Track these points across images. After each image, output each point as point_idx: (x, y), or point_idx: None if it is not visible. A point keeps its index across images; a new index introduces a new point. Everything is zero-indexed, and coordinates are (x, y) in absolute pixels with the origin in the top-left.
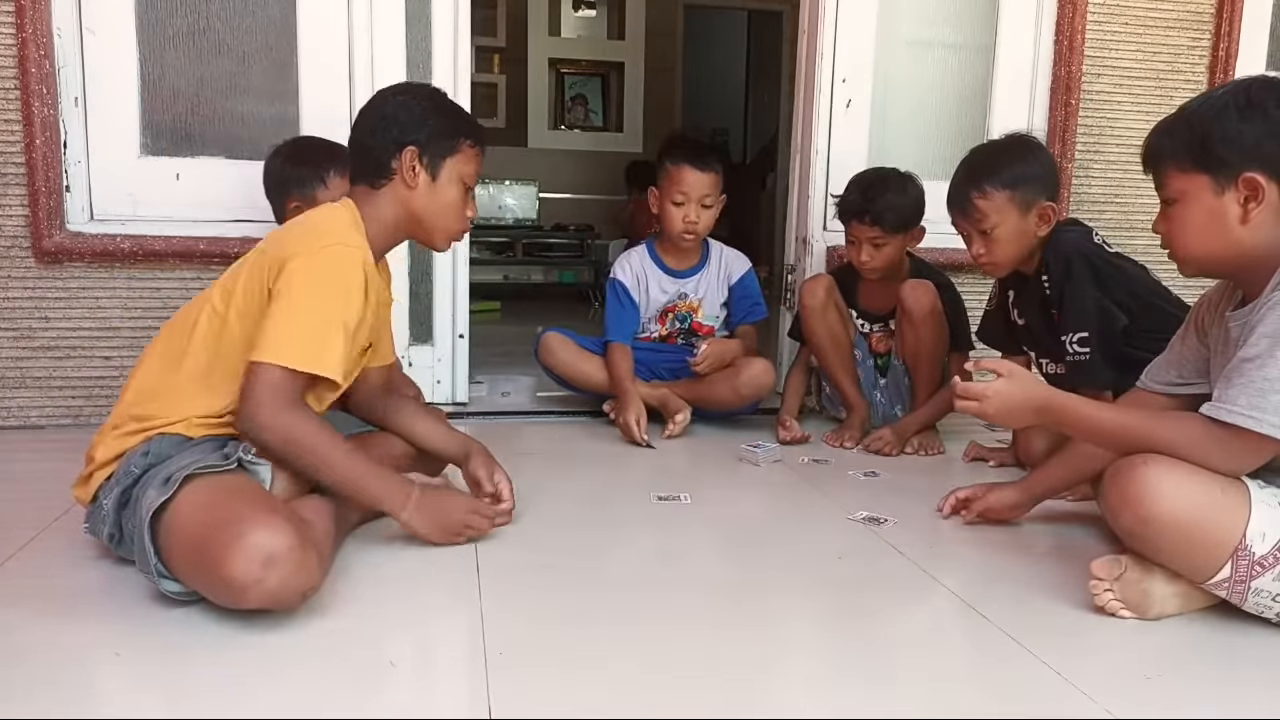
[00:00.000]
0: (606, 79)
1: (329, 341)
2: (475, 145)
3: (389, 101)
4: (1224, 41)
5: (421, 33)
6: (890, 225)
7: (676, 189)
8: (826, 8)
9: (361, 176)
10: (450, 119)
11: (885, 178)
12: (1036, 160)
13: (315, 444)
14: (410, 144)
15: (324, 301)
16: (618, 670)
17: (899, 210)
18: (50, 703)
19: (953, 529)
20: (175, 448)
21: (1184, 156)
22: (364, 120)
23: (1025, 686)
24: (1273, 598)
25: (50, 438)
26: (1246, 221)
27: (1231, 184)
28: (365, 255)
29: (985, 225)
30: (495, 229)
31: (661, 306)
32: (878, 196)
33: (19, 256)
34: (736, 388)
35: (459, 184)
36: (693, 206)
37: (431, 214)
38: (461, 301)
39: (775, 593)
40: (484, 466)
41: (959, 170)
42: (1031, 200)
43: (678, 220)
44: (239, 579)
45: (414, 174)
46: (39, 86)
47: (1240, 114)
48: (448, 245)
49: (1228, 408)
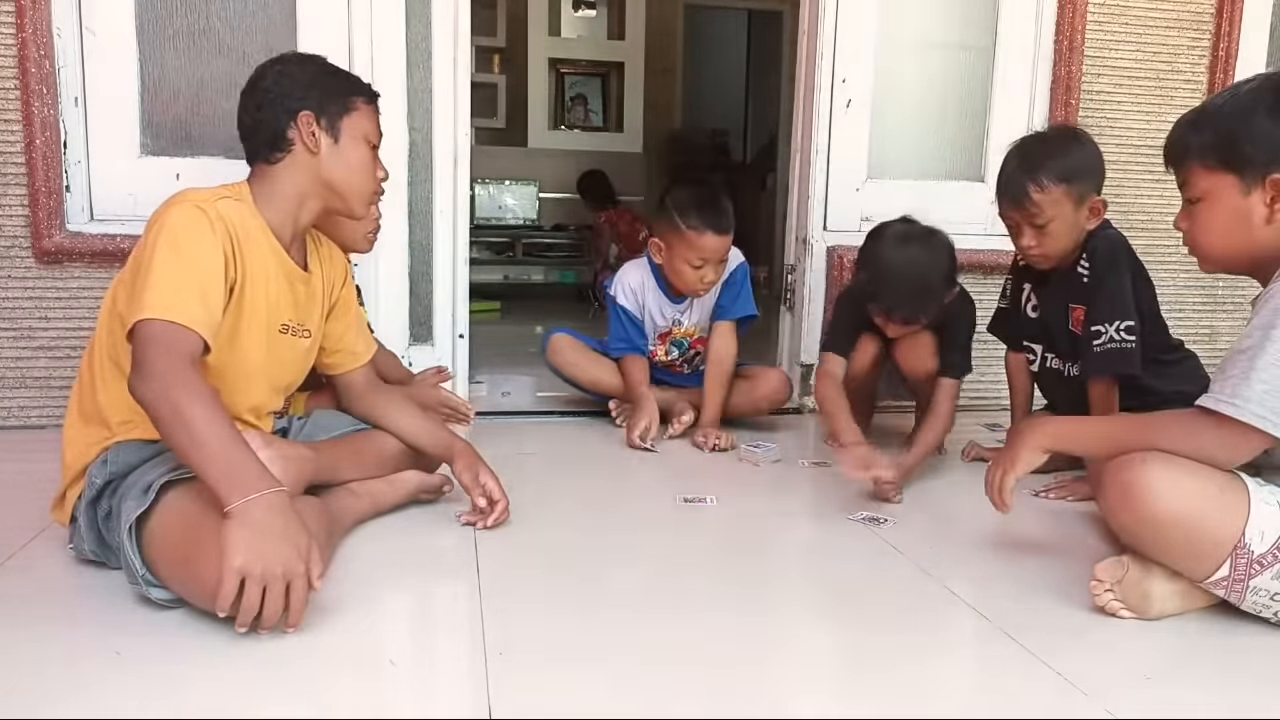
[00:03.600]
0: (606, 79)
1: (180, 293)
2: (370, 102)
3: (266, 75)
4: (1224, 41)
5: (421, 33)
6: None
7: (695, 254)
8: (826, 8)
9: (257, 155)
10: (337, 79)
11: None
12: (1087, 154)
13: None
14: (302, 109)
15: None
16: (618, 669)
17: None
18: (50, 702)
19: (952, 529)
20: (137, 453)
21: (1210, 155)
22: (246, 99)
23: (1025, 686)
24: (1271, 596)
25: (50, 438)
26: (1272, 221)
27: (1259, 184)
28: (222, 215)
29: (1041, 219)
30: (495, 229)
31: (660, 330)
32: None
33: (19, 256)
34: (754, 400)
35: (363, 142)
36: (711, 268)
37: (342, 176)
38: (461, 301)
39: (775, 593)
40: (468, 469)
41: (1010, 160)
42: (1085, 194)
43: (694, 281)
44: None
45: (314, 139)
46: (39, 86)
47: (1269, 113)
48: (365, 211)
49: (1215, 396)
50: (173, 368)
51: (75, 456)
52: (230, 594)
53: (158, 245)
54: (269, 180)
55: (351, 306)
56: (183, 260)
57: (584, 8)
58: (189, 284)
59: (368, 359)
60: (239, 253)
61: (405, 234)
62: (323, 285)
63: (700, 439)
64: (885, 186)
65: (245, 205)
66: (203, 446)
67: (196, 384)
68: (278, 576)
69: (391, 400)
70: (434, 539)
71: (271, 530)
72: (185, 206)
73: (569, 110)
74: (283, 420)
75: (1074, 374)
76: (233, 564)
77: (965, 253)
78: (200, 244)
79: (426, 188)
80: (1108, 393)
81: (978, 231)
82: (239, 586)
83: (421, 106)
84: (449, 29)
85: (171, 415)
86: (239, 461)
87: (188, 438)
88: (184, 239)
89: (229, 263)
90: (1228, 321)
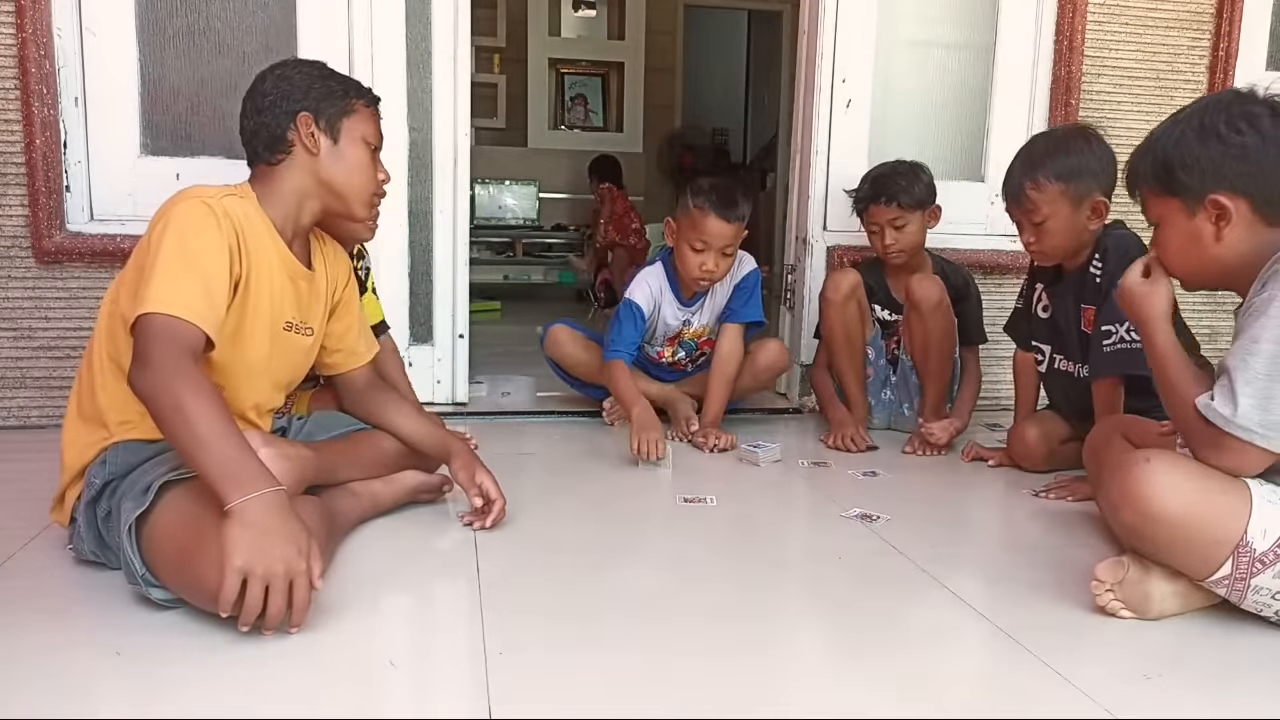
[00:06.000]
0: (606, 79)
1: (184, 288)
2: (369, 105)
3: (266, 80)
4: (1224, 41)
5: (421, 33)
6: (906, 202)
7: (697, 235)
8: (826, 8)
9: (258, 157)
10: (335, 82)
11: (894, 166)
12: (1093, 154)
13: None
14: (301, 111)
15: (173, 250)
16: (618, 669)
17: (911, 189)
18: (50, 702)
19: (952, 529)
20: (136, 454)
21: (1153, 182)
22: (247, 104)
23: (1025, 686)
24: (1272, 595)
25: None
26: (1220, 239)
27: (1200, 206)
28: (228, 210)
29: (1037, 216)
30: (495, 229)
31: (670, 332)
32: (890, 181)
33: (19, 256)
34: (756, 373)
35: (362, 144)
36: (711, 255)
37: (341, 177)
38: (461, 301)
39: (776, 593)
40: (464, 470)
41: (1016, 158)
42: (1085, 194)
43: (694, 266)
44: None
45: (314, 140)
46: (39, 86)
47: (1198, 138)
48: (366, 213)
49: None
50: (174, 361)
51: (74, 457)
52: (232, 593)
53: (163, 241)
54: (270, 181)
55: (353, 307)
56: (188, 256)
57: (584, 8)
58: (193, 279)
59: (369, 359)
60: (244, 249)
61: (405, 234)
62: (326, 284)
63: (700, 439)
64: None
65: (250, 202)
66: (202, 442)
67: (198, 378)
68: (280, 575)
69: (391, 400)
70: (434, 539)
71: (272, 529)
72: (192, 202)
73: (569, 110)
74: (282, 419)
75: (1084, 375)
76: (234, 563)
77: (965, 253)
78: (206, 240)
79: (426, 188)
80: (1112, 393)
81: (978, 231)
82: (241, 586)
83: (421, 107)
84: (449, 29)
85: (172, 409)
86: (238, 459)
87: (187, 432)
88: (190, 234)
89: (234, 259)
90: (1227, 321)
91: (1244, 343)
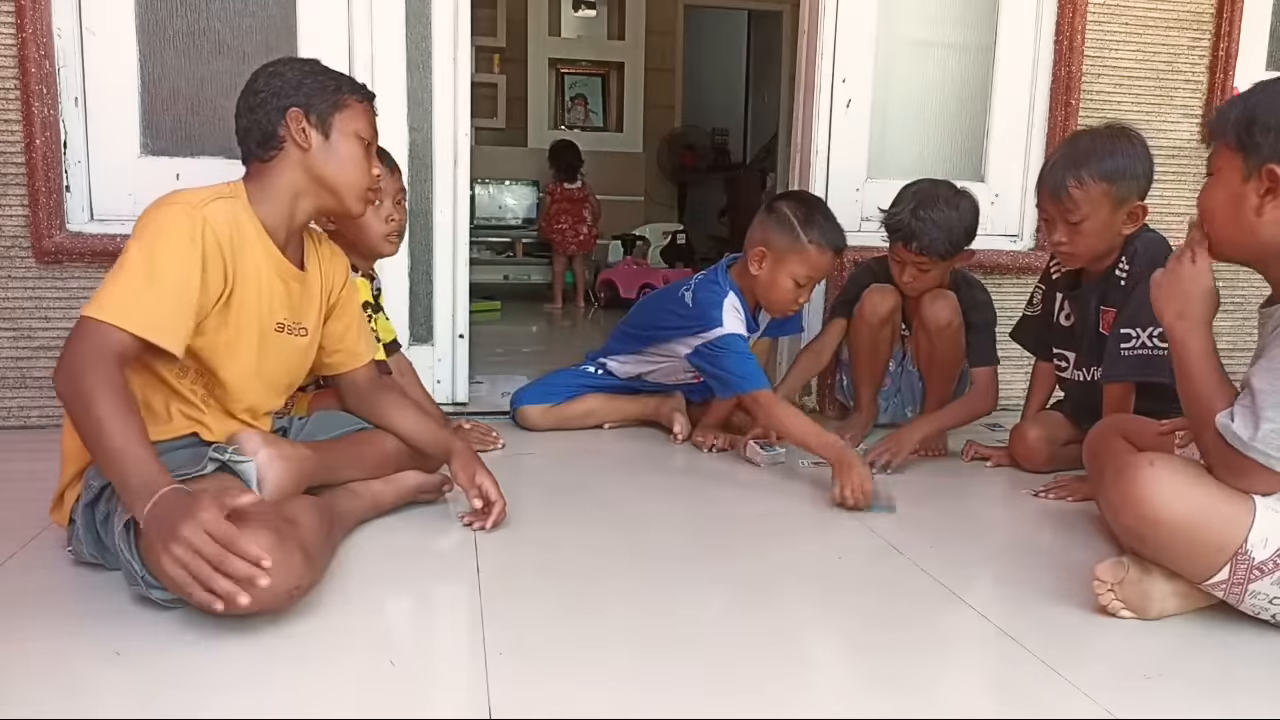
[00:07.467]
0: (606, 79)
1: (134, 297)
2: (361, 100)
3: (259, 78)
4: (1224, 41)
5: (421, 33)
6: (939, 254)
7: (808, 271)
8: (826, 8)
9: (251, 154)
10: (327, 77)
11: (937, 196)
12: (1138, 157)
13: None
14: (291, 106)
15: (136, 258)
16: (618, 670)
17: (950, 237)
18: (50, 702)
19: (953, 529)
20: None
21: (1230, 132)
22: (241, 102)
23: (1025, 686)
24: (1270, 600)
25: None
26: (1260, 214)
27: (1256, 172)
28: (210, 220)
29: (1075, 215)
30: (495, 229)
31: None
32: (929, 220)
33: (19, 256)
34: None
35: (354, 139)
36: (808, 290)
37: (334, 171)
38: (461, 301)
39: (776, 593)
40: (464, 470)
41: (1057, 153)
42: (1125, 197)
43: (790, 300)
44: None
45: (305, 135)
46: (39, 86)
47: None
48: (362, 208)
49: (1223, 422)
50: (90, 363)
51: (73, 458)
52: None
53: (130, 248)
54: (263, 178)
55: (352, 307)
56: (150, 265)
57: (584, 8)
58: (148, 289)
59: (369, 359)
60: (228, 258)
61: (405, 234)
62: (320, 284)
63: (699, 439)
64: (885, 186)
65: (239, 203)
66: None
67: (111, 381)
68: (202, 542)
69: (391, 400)
70: (434, 539)
71: (172, 519)
72: (171, 209)
73: (569, 110)
74: (283, 420)
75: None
76: (166, 571)
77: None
78: (175, 250)
79: (426, 188)
80: (1124, 396)
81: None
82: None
83: (421, 107)
84: (449, 29)
85: (82, 412)
86: (142, 468)
87: (96, 436)
88: (159, 243)
89: (211, 273)
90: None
91: (1273, 364)
